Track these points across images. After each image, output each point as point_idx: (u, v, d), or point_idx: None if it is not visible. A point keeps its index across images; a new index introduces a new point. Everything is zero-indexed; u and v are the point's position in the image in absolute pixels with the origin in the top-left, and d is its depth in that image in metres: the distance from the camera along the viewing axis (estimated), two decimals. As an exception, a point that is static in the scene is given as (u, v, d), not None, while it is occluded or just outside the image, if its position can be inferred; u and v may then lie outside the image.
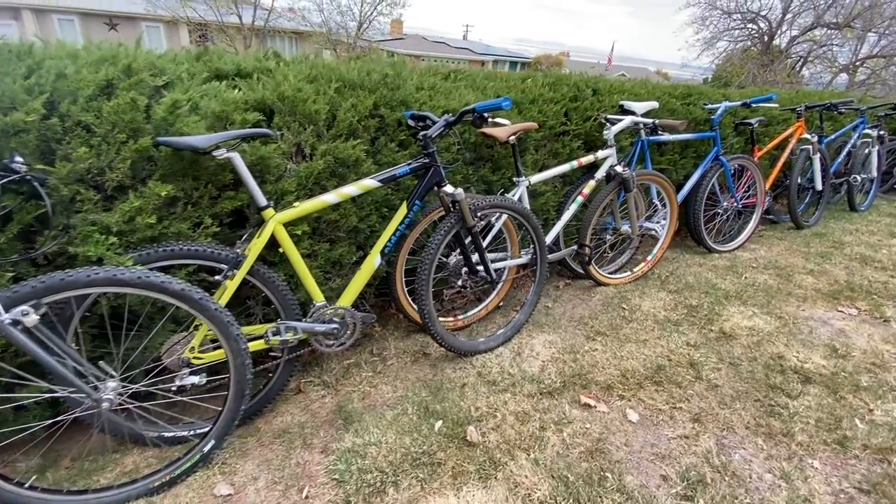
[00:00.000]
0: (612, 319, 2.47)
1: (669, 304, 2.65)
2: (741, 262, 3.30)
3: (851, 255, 3.49)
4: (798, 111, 3.83)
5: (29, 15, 23.29)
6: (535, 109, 2.49)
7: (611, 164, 2.55)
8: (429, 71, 2.55)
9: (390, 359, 2.15)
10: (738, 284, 2.92)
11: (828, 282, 3.03)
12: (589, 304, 2.69)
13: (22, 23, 22.56)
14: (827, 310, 2.69)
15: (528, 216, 2.14)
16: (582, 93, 2.76)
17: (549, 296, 2.79)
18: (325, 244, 1.82)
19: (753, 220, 3.62)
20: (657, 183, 2.81)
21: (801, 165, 3.89)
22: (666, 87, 3.31)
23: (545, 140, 2.58)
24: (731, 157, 3.30)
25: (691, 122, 3.20)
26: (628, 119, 2.51)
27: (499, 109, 1.68)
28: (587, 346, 2.23)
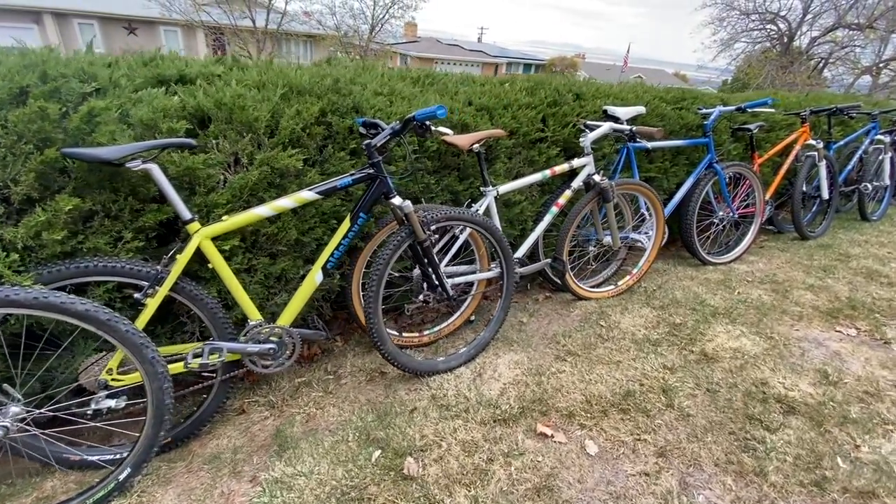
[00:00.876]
0: (587, 338, 2.33)
1: (651, 321, 2.49)
2: (736, 276, 3.11)
3: (857, 269, 3.27)
4: (802, 116, 3.62)
5: (50, 19, 23.94)
6: (509, 115, 2.37)
7: (588, 172, 2.41)
8: (397, 75, 2.45)
9: (345, 377, 2.05)
10: (729, 301, 2.75)
11: (828, 298, 2.83)
12: (566, 319, 2.55)
13: (43, 27, 23.22)
14: (823, 330, 2.50)
15: (491, 228, 2.01)
16: (562, 97, 2.63)
17: (526, 310, 2.66)
18: (265, 258, 1.73)
19: (752, 230, 3.43)
20: (640, 193, 2.66)
21: (806, 173, 3.68)
22: (657, 91, 3.15)
23: (519, 147, 2.45)
24: (727, 165, 3.12)
25: (683, 127, 3.03)
26: (606, 126, 2.37)
27: (433, 118, 1.57)
28: (555, 367, 2.09)
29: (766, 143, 3.62)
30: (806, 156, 3.69)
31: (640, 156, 2.98)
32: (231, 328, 1.61)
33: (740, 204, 3.40)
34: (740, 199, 3.39)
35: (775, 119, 3.62)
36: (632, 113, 2.70)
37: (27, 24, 22.81)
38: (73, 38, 24.13)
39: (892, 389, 2.02)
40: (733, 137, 3.40)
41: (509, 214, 2.50)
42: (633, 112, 2.70)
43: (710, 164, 3.08)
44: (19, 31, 22.72)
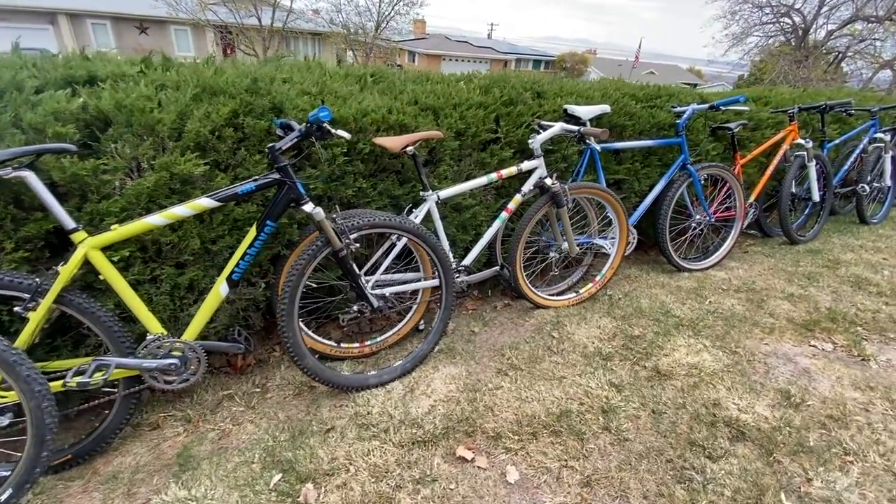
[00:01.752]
0: (535, 350, 2.20)
1: (608, 332, 2.36)
2: (711, 284, 2.95)
3: (844, 277, 3.08)
4: (790, 113, 3.42)
5: (64, 20, 24.34)
6: (456, 115, 2.25)
7: (539, 176, 2.28)
8: (343, 73, 2.34)
9: (272, 391, 1.96)
10: (698, 311, 2.59)
11: (806, 309, 2.65)
12: (519, 329, 2.42)
13: (58, 27, 23.64)
14: (796, 344, 2.34)
15: (423, 236, 1.90)
16: (519, 96, 2.49)
17: (481, 318, 2.54)
18: (171, 268, 1.64)
19: (732, 235, 3.25)
20: (599, 197, 2.51)
21: (795, 174, 3.49)
22: (629, 88, 2.99)
23: (468, 149, 2.33)
24: (702, 166, 2.96)
25: (655, 126, 2.87)
26: (556, 126, 2.23)
27: (319, 121, 1.46)
28: (494, 382, 1.97)
29: (750, 143, 3.43)
30: (795, 156, 3.49)
31: (608, 157, 2.83)
32: (130, 342, 1.53)
33: (720, 207, 3.23)
34: (719, 202, 3.22)
35: (761, 117, 3.43)
36: (595, 112, 2.56)
37: (43, 25, 23.26)
38: (86, 37, 24.55)
39: (861, 414, 1.86)
40: (713, 137, 3.22)
41: (460, 219, 2.38)
42: (596, 111, 2.56)
43: (683, 166, 2.91)
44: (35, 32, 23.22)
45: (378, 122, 1.99)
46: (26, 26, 22.76)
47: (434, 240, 1.93)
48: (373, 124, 1.97)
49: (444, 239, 2.18)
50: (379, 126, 2.00)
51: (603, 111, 2.60)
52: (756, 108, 3.50)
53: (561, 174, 2.68)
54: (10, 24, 22.71)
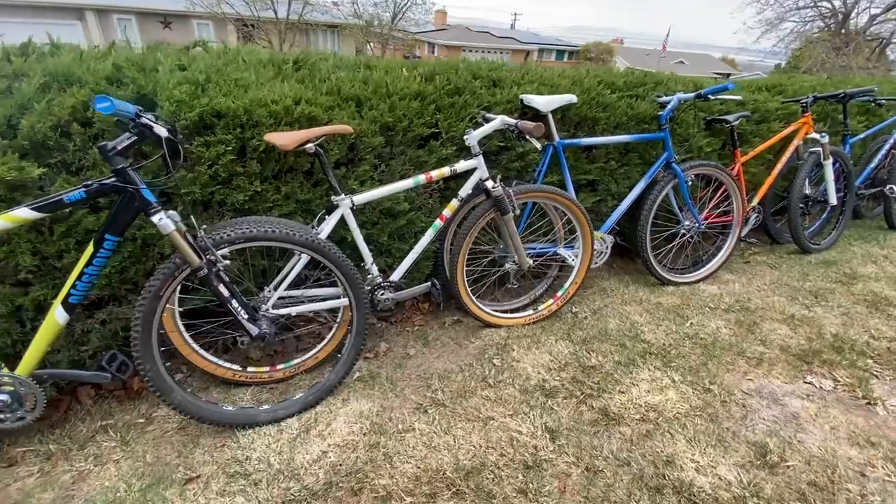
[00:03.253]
0: (468, 381, 1.89)
1: (560, 360, 2.02)
2: (698, 301, 2.56)
3: (860, 295, 2.64)
4: (803, 104, 2.97)
5: (92, 15, 24.94)
6: (385, 107, 1.94)
7: (479, 177, 1.95)
8: (263, 60, 2.06)
9: (155, 423, 1.72)
10: (674, 335, 2.23)
11: (807, 335, 2.25)
12: (460, 353, 2.12)
13: (86, 23, 24.26)
14: (788, 380, 1.96)
15: (321, 249, 1.61)
16: (468, 85, 2.17)
17: (424, 337, 2.25)
18: (9, 287, 1.40)
19: (728, 243, 2.84)
20: (554, 201, 2.17)
21: (809, 173, 3.04)
22: (608, 76, 2.61)
23: (401, 146, 2.02)
24: (690, 165, 2.56)
25: (633, 119, 2.49)
26: (497, 120, 1.89)
27: (124, 114, 1.18)
28: (406, 422, 1.68)
29: (755, 138, 3.00)
30: (809, 152, 3.04)
31: (578, 155, 2.47)
32: (-53, 375, 1.30)
33: (715, 211, 2.82)
34: (714, 205, 2.81)
35: (768, 108, 2.98)
36: (556, 103, 2.21)
37: (72, 21, 23.89)
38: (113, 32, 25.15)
39: (854, 480, 1.49)
40: (708, 131, 2.81)
41: (395, 226, 2.08)
42: (558, 102, 2.21)
43: (667, 164, 2.53)
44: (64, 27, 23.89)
45: (278, 114, 1.70)
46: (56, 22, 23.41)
47: (336, 254, 1.64)
48: (271, 117, 1.69)
49: (364, 250, 1.89)
50: (280, 119, 1.72)
51: (567, 102, 2.24)
52: (763, 97, 3.06)
53: (518, 175, 2.35)
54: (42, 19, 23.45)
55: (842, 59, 14.08)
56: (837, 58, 14.26)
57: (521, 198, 2.04)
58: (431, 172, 1.89)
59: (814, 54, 15.38)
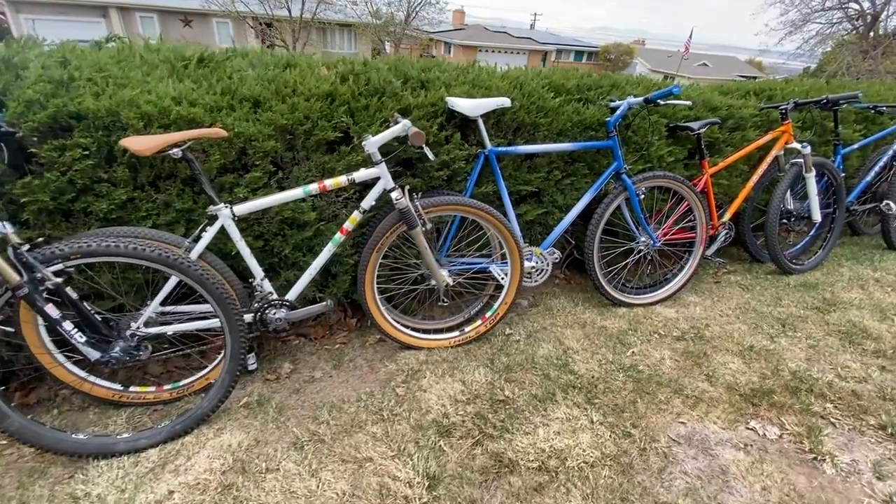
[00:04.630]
0: (361, 413, 1.72)
1: (472, 391, 1.83)
2: (649, 326, 2.33)
3: (835, 325, 2.37)
4: (783, 110, 2.69)
5: (115, 13, 25.59)
6: (284, 108, 1.78)
7: (384, 187, 1.77)
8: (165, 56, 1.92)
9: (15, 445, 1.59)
10: (608, 366, 2.01)
11: (762, 371, 2.01)
12: (367, 379, 1.94)
13: (109, 20, 24.90)
14: (727, 425, 1.72)
15: (177, 265, 1.45)
16: (387, 86, 1.99)
17: (339, 357, 2.09)
18: None
19: (690, 263, 2.60)
20: (474, 216, 1.97)
21: (788, 186, 2.77)
22: (558, 77, 2.39)
23: (304, 150, 1.85)
24: (643, 176, 2.33)
25: (579, 125, 2.27)
26: (400, 125, 1.71)
27: None
28: (274, 461, 1.51)
29: (728, 147, 2.74)
30: (791, 164, 2.77)
31: (518, 164, 2.27)
32: None
33: (678, 226, 2.58)
34: (676, 220, 2.57)
35: (742, 115, 2.72)
36: (486, 106, 2.01)
37: (96, 18, 24.57)
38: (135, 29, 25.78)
39: (773, 555, 1.26)
40: (672, 139, 2.57)
41: (298, 238, 1.92)
42: (488, 105, 2.01)
43: (617, 175, 2.30)
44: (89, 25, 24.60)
45: (150, 116, 1.56)
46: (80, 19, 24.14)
47: (199, 272, 1.48)
48: (141, 119, 1.54)
49: (253, 264, 1.73)
50: (153, 122, 1.57)
51: (499, 105, 2.04)
52: (739, 102, 2.80)
53: (446, 185, 2.16)
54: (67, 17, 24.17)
55: (869, 63, 13.39)
56: (864, 62, 13.57)
57: (433, 211, 1.85)
58: (326, 182, 1.72)
59: (839, 58, 14.68)
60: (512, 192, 2.31)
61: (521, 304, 2.59)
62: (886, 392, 1.89)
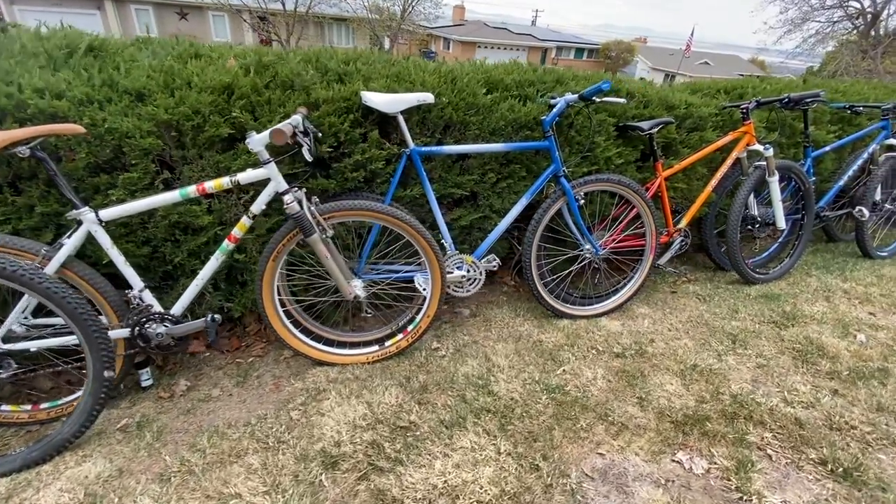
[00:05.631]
0: (246, 440, 1.56)
1: (375, 415, 1.66)
2: (588, 340, 2.17)
3: (790, 342, 2.20)
4: (744, 109, 2.52)
5: (110, 5, 25.39)
6: (171, 101, 1.62)
7: (276, 190, 1.61)
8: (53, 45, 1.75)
9: None
10: (533, 387, 1.84)
11: (700, 394, 1.84)
12: (267, 399, 1.78)
13: (105, 12, 24.74)
14: (650, 457, 1.56)
15: (23, 280, 1.29)
16: (296, 78, 1.82)
17: (243, 375, 1.93)
18: None
19: (639, 272, 2.43)
20: (381, 221, 1.79)
21: (750, 190, 2.60)
22: (494, 73, 2.22)
23: (195, 148, 1.69)
24: (586, 179, 2.16)
25: (513, 123, 2.10)
26: (286, 121, 1.54)
27: None
28: (131, 497, 1.35)
29: (685, 148, 2.56)
30: (754, 167, 2.60)
31: (448, 165, 2.10)
32: None
33: (628, 232, 2.41)
34: (625, 226, 2.40)
35: (701, 114, 2.55)
36: (405, 102, 1.85)
37: (91, 10, 24.40)
38: (130, 21, 25.63)
39: None
40: (623, 139, 2.40)
41: (193, 244, 1.76)
42: (407, 101, 1.85)
43: (556, 178, 2.14)
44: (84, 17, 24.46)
45: (5, 110, 1.40)
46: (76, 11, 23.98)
47: (45, 284, 1.32)
48: (-12, 113, 1.38)
49: (129, 274, 1.58)
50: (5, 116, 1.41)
51: (420, 101, 1.87)
52: (700, 101, 2.62)
53: (365, 186, 2.00)
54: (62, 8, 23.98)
55: (868, 63, 13.13)
56: (864, 61, 13.31)
57: (335, 216, 1.69)
58: (206, 184, 1.55)
59: (839, 57, 14.43)
60: (444, 196, 2.15)
61: (462, 314, 2.44)
62: (834, 420, 1.72)
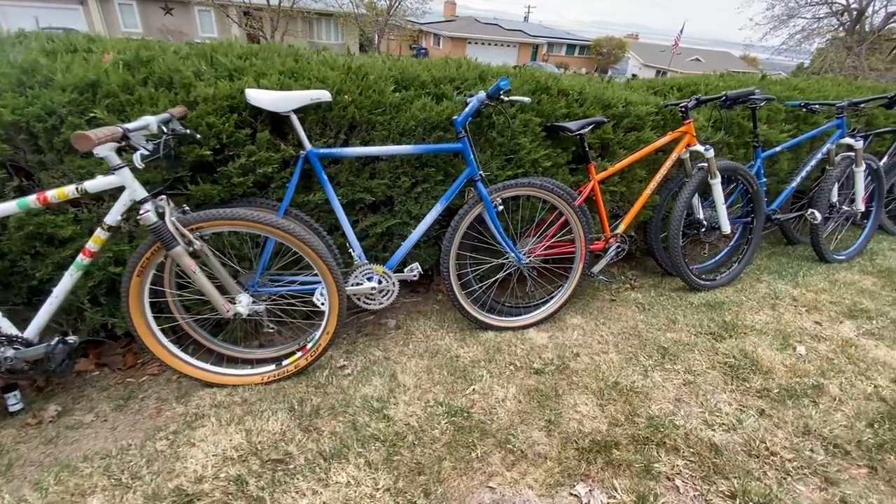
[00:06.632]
0: (98, 476, 1.41)
1: (253, 446, 1.52)
2: (507, 355, 2.03)
3: (724, 355, 2.07)
4: (682, 108, 2.38)
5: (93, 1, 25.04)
6: (21, 101, 1.46)
7: (132, 199, 1.45)
8: None
9: None
10: (434, 409, 1.70)
11: (614, 416, 1.71)
12: (141, 426, 1.64)
13: (88, 8, 24.37)
14: (546, 490, 1.42)
15: None
16: (174, 74, 1.67)
17: (126, 397, 1.79)
18: None
19: (569, 281, 2.29)
20: (255, 230, 1.63)
21: (692, 193, 2.47)
22: (410, 68, 2.07)
23: (52, 152, 1.53)
24: (503, 185, 2.02)
25: (424, 124, 1.95)
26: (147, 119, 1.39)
27: None
28: (-54, 545, 1.20)
29: (622, 150, 2.43)
30: (697, 168, 2.47)
31: (355, 168, 1.95)
32: None
33: (557, 239, 2.27)
34: (554, 232, 2.26)
35: (639, 113, 2.41)
36: (299, 100, 1.69)
37: (73, 5, 24.01)
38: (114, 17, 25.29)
39: None
40: (552, 140, 2.26)
41: (59, 257, 1.60)
42: (299, 99, 1.69)
43: (473, 183, 1.99)
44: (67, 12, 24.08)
45: None
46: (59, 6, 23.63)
47: None
48: None
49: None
50: None
51: (314, 99, 1.72)
52: (639, 98, 2.48)
53: (260, 192, 1.85)
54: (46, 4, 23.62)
55: (852, 60, 13.07)
56: (847, 58, 13.24)
57: (203, 227, 1.53)
58: (48, 193, 1.40)
59: (824, 53, 14.37)
60: (355, 202, 2.01)
61: (387, 325, 2.30)
62: (754, 445, 1.60)
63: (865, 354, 2.12)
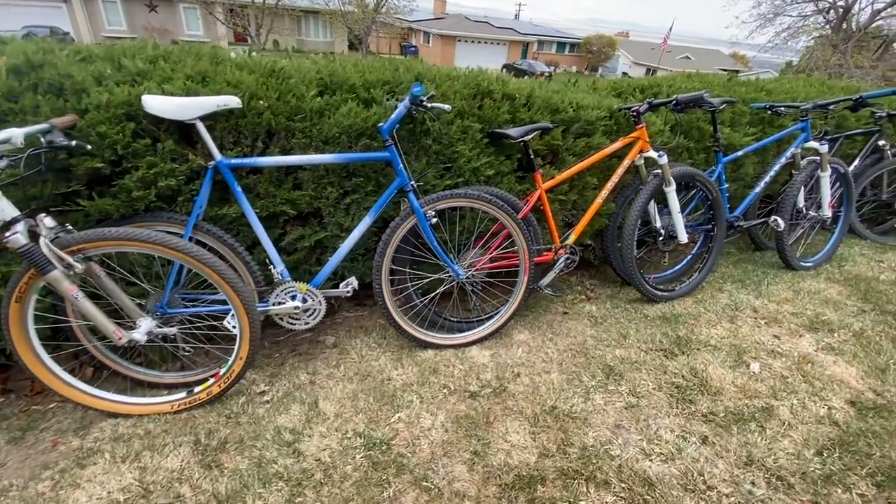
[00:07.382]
0: (-37, 525, 1.28)
1: (143, 488, 1.39)
2: (442, 377, 1.91)
3: (672, 374, 1.96)
4: (634, 112, 2.27)
5: (76, -1, 24.58)
6: None
7: (1, 218, 1.31)
8: None
9: None
10: (351, 442, 1.58)
11: (545, 447, 1.59)
12: (32, 462, 1.50)
13: (71, 5, 23.97)
14: (459, 533, 1.30)
15: None
16: (65, 80, 1.53)
17: (26, 426, 1.65)
18: None
19: (514, 296, 2.17)
20: (143, 249, 1.49)
21: (646, 201, 2.36)
22: (341, 71, 1.94)
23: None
24: (438, 195, 1.90)
25: (346, 130, 1.82)
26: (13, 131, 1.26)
27: None
28: None
29: (572, 157, 2.31)
30: (652, 175, 2.36)
31: (278, 178, 1.82)
32: None
33: (501, 251, 2.15)
34: (498, 245, 2.14)
35: (589, 118, 2.29)
36: (203, 107, 1.56)
37: (57, 3, 23.61)
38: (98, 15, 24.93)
39: None
40: (495, 147, 2.14)
41: None
42: (203, 106, 1.56)
43: (404, 193, 1.87)
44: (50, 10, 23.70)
45: None
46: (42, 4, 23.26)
47: None
48: None
49: None
50: None
51: (222, 106, 1.58)
52: (592, 102, 2.37)
53: (167, 205, 1.71)
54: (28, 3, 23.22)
55: (837, 58, 13.05)
56: (833, 56, 13.23)
57: (86, 248, 1.40)
58: None
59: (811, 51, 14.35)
60: (276, 214, 1.87)
61: (325, 343, 2.17)
62: (690, 478, 1.49)
63: (822, 372, 2.02)
